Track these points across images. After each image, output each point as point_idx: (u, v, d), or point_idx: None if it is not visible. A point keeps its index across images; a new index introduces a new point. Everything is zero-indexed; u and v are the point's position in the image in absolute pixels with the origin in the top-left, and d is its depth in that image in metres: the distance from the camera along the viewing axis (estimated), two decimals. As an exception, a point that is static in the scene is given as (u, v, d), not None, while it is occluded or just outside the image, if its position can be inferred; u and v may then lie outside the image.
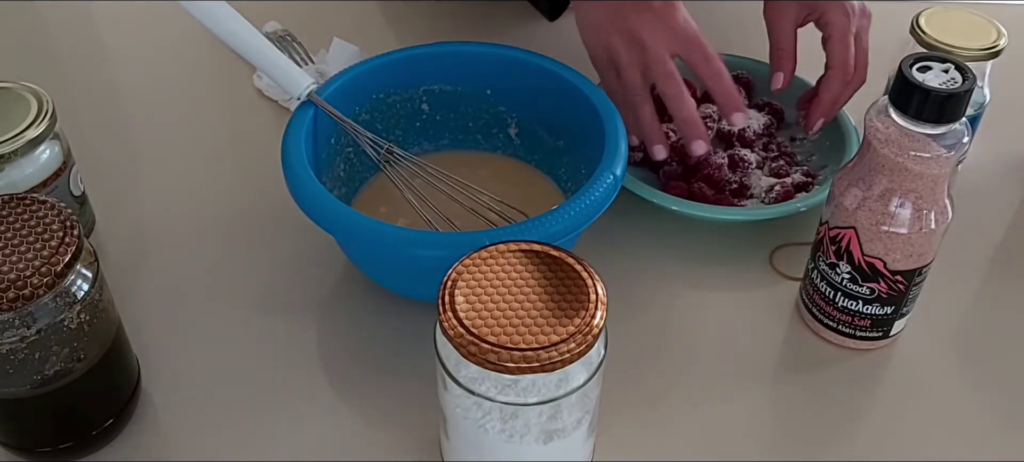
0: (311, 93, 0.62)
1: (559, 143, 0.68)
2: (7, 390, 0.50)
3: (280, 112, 0.80)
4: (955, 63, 0.52)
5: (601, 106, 0.63)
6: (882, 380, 0.60)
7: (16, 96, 0.61)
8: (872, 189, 0.54)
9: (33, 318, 0.48)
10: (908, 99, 0.51)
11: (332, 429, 0.56)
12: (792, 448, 0.56)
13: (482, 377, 0.44)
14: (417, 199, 0.61)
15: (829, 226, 0.57)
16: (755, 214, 0.67)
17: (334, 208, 0.55)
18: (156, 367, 0.59)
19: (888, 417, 0.57)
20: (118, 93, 0.86)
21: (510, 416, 0.45)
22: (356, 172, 0.68)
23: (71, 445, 0.53)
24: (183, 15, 0.61)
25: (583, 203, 0.56)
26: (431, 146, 0.71)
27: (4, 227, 0.49)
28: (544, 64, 0.67)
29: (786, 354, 0.61)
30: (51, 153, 0.61)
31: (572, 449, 0.48)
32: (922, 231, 0.54)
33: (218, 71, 0.87)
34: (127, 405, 0.55)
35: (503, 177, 0.70)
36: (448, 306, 0.44)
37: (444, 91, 0.69)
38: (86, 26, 0.95)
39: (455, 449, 0.50)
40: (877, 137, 0.53)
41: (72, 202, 0.64)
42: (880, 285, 0.56)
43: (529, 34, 0.89)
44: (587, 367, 0.45)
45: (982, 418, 0.58)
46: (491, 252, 0.46)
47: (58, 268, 0.47)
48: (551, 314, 0.43)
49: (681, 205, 0.66)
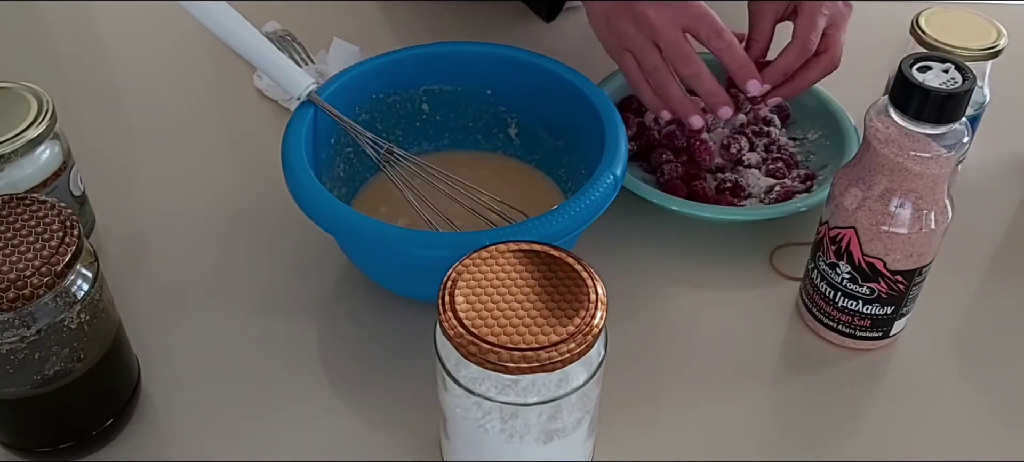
0: (311, 93, 0.62)
1: (559, 143, 0.68)
2: (7, 390, 0.50)
3: (280, 112, 0.80)
4: (955, 63, 0.52)
5: (601, 106, 0.63)
6: (882, 380, 0.60)
7: (16, 96, 0.61)
8: (872, 189, 0.54)
9: (33, 318, 0.48)
10: (908, 99, 0.51)
11: (332, 429, 0.56)
12: (792, 448, 0.56)
13: (482, 377, 0.44)
14: (417, 199, 0.61)
15: (829, 226, 0.57)
16: (755, 214, 0.67)
17: (334, 208, 0.55)
18: (156, 367, 0.59)
19: (888, 417, 0.57)
20: (118, 93, 0.86)
21: (510, 416, 0.45)
22: (356, 172, 0.68)
23: (71, 445, 0.53)
24: (183, 15, 0.61)
25: (583, 203, 0.56)
26: (431, 146, 0.71)
27: (4, 227, 0.49)
28: (544, 64, 0.67)
29: (786, 354, 0.61)
30: (51, 153, 0.61)
31: (572, 449, 0.48)
32: (922, 231, 0.54)
33: (218, 71, 0.87)
34: (127, 405, 0.55)
35: (503, 177, 0.70)
36: (448, 306, 0.44)
37: (444, 91, 0.69)
38: (86, 26, 0.95)
39: (455, 449, 0.50)
40: (877, 137, 0.53)
41: (72, 202, 0.64)
42: (880, 285, 0.56)
43: (529, 34, 0.89)
44: (587, 367, 0.45)
45: (982, 418, 0.58)
46: (491, 252, 0.46)
47: (58, 268, 0.47)
48: (551, 314, 0.43)
49: (681, 205, 0.66)
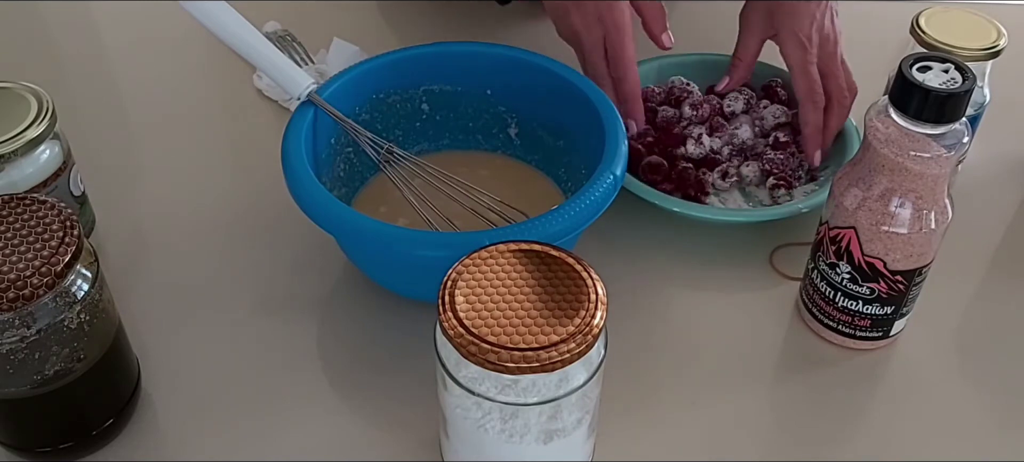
0: (311, 93, 0.62)
1: (559, 143, 0.68)
2: (7, 390, 0.50)
3: (280, 112, 0.80)
4: (955, 63, 0.52)
5: (601, 106, 0.63)
6: (882, 380, 0.60)
7: (16, 96, 0.61)
8: (872, 189, 0.54)
9: (33, 318, 0.48)
10: (908, 99, 0.51)
11: (332, 429, 0.56)
12: (792, 448, 0.56)
13: (482, 377, 0.44)
14: (417, 199, 0.61)
15: (829, 226, 0.57)
16: (755, 215, 0.67)
17: (334, 208, 0.55)
18: (156, 367, 0.59)
19: (888, 417, 0.57)
20: (118, 93, 0.86)
21: (510, 416, 0.45)
22: (356, 172, 0.68)
23: (71, 445, 0.53)
24: (183, 15, 0.61)
25: (583, 203, 0.56)
26: (431, 146, 0.71)
27: (4, 227, 0.49)
28: (544, 64, 0.67)
29: (786, 354, 0.61)
30: (51, 153, 0.61)
31: (572, 449, 0.48)
32: (922, 231, 0.54)
33: (218, 71, 0.87)
34: (127, 405, 0.55)
35: (503, 177, 0.70)
36: (448, 306, 0.44)
37: (444, 91, 0.69)
38: (86, 26, 0.95)
39: (455, 449, 0.50)
40: (877, 137, 0.53)
41: (72, 202, 0.64)
42: (880, 285, 0.56)
43: (529, 34, 0.89)
44: (587, 367, 0.45)
45: (982, 418, 0.58)
46: (491, 252, 0.46)
47: (58, 268, 0.47)
48: (551, 314, 0.43)
49: (681, 206, 0.66)
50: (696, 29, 0.74)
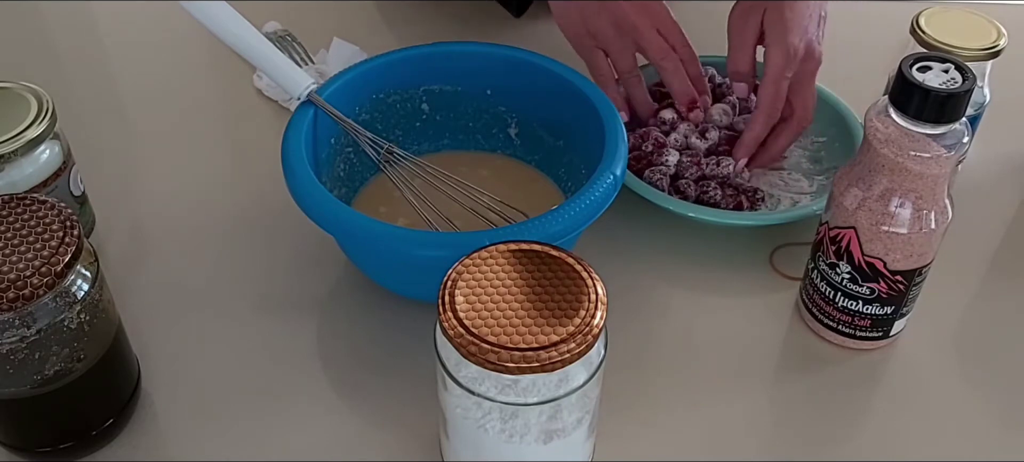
0: (311, 93, 0.62)
1: (559, 143, 0.68)
2: (7, 390, 0.50)
3: (280, 112, 0.80)
4: (955, 63, 0.52)
5: (601, 106, 0.63)
6: (882, 380, 0.60)
7: (16, 96, 0.61)
8: (872, 189, 0.54)
9: (33, 318, 0.48)
10: (908, 99, 0.51)
11: (332, 429, 0.56)
12: (792, 448, 0.56)
13: (482, 377, 0.44)
14: (417, 199, 0.61)
15: (829, 226, 0.57)
16: (756, 219, 0.67)
17: (334, 208, 0.55)
18: (156, 367, 0.59)
19: (888, 417, 0.57)
20: (118, 93, 0.86)
21: (510, 416, 0.45)
22: (356, 172, 0.68)
23: (71, 445, 0.53)
24: (183, 15, 0.61)
25: (583, 203, 0.56)
26: (431, 146, 0.71)
27: (4, 227, 0.49)
28: (544, 64, 0.67)
29: (786, 354, 0.61)
30: (51, 153, 0.61)
31: (572, 449, 0.48)
32: (922, 231, 0.54)
33: (218, 71, 0.87)
34: (127, 405, 0.55)
35: (503, 177, 0.70)
36: (448, 306, 0.44)
37: (444, 91, 0.69)
38: (86, 26, 0.95)
39: (455, 449, 0.50)
40: (877, 137, 0.53)
41: (72, 202, 0.64)
42: (880, 285, 0.56)
43: (530, 35, 0.89)
44: (587, 367, 0.45)
45: (982, 418, 0.58)
46: (491, 252, 0.46)
47: (58, 268, 0.47)
48: (551, 314, 0.43)
49: (681, 207, 0.66)
50: (696, 29, 0.74)
